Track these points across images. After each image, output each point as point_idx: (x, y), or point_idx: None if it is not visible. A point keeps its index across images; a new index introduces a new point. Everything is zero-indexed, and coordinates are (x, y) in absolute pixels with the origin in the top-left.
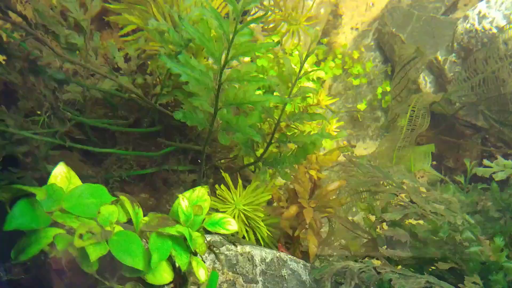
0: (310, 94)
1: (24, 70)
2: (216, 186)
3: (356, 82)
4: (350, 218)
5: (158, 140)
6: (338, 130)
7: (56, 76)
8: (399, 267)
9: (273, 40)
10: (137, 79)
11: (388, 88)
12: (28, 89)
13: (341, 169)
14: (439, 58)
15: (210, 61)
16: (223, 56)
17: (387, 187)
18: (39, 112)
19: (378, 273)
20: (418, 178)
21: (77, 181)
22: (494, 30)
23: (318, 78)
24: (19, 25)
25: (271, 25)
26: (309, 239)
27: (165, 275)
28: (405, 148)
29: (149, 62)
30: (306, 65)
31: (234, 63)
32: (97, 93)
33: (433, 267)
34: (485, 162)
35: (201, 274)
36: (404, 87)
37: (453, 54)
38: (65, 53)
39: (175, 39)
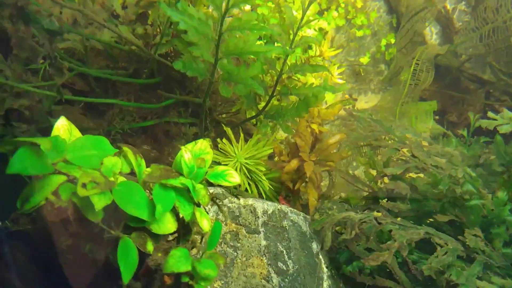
0: (312, 45)
1: (13, 17)
2: (218, 140)
3: (359, 33)
4: (350, 172)
5: (158, 92)
6: (341, 77)
7: (49, 27)
8: (399, 219)
9: None
10: (137, 29)
11: (393, 40)
12: (21, 38)
13: (341, 123)
14: (448, 7)
15: (210, 9)
16: (224, 4)
17: (389, 141)
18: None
19: (379, 223)
20: (421, 132)
21: (77, 134)
22: None
23: (321, 29)
24: None
25: None
26: (309, 192)
27: (169, 225)
28: (408, 104)
29: (149, 12)
30: (308, 12)
31: (235, 11)
32: (97, 43)
33: (431, 219)
34: (490, 114)
35: (205, 224)
36: (410, 39)
37: (463, 2)
38: None
39: None
